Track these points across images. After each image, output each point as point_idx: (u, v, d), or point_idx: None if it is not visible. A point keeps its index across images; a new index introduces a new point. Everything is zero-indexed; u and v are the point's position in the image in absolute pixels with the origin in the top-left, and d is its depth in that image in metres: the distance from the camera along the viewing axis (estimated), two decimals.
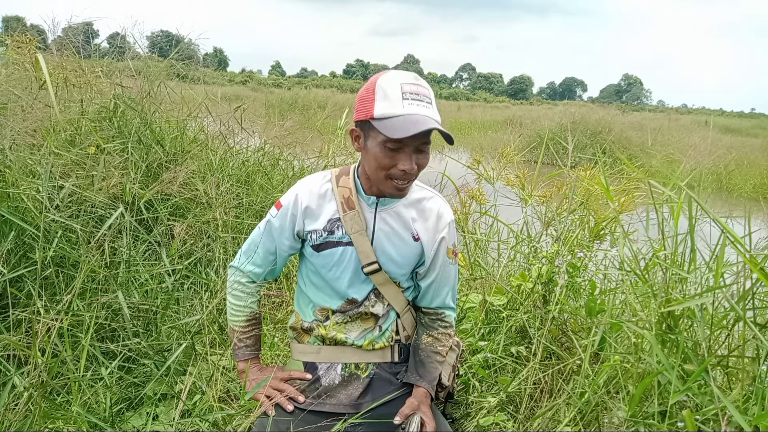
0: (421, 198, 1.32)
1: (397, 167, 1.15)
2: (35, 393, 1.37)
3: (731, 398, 1.14)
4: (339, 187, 1.29)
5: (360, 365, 1.36)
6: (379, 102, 1.12)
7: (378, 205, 1.28)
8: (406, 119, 1.09)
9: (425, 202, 1.31)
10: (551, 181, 2.44)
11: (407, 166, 1.14)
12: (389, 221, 1.28)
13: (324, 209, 1.30)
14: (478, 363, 1.85)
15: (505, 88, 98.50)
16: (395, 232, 1.29)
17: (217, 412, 1.53)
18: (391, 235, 1.29)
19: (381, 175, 1.17)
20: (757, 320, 1.32)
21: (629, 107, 37.65)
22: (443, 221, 1.31)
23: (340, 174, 1.32)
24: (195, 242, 2.39)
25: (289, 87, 30.28)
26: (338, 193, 1.29)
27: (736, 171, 10.08)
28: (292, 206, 1.30)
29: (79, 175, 2.13)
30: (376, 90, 1.14)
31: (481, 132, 15.74)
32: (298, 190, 1.32)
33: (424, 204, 1.31)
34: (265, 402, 1.30)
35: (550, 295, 1.90)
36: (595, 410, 1.49)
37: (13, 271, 1.70)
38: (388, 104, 1.11)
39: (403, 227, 1.29)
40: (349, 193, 1.27)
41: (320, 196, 1.31)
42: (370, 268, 1.28)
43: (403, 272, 1.32)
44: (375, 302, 1.33)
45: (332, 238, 1.29)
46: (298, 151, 3.87)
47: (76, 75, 2.64)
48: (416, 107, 1.11)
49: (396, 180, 1.17)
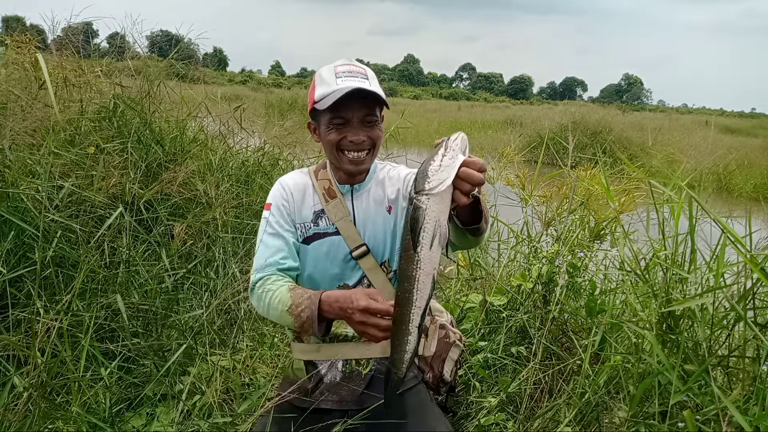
0: (386, 171, 1.40)
1: (347, 138, 1.23)
2: (35, 393, 1.37)
3: (732, 398, 1.14)
4: (319, 180, 1.36)
5: (361, 361, 1.36)
6: (318, 87, 1.25)
7: (353, 192, 1.34)
8: (338, 92, 1.18)
9: (389, 172, 1.40)
10: (551, 181, 2.43)
11: (354, 137, 1.22)
12: (366, 203, 1.34)
13: (305, 202, 1.34)
14: (479, 363, 1.85)
15: (505, 88, 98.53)
16: (373, 210, 1.33)
17: (217, 417, 1.53)
18: (371, 215, 1.33)
19: (335, 152, 1.25)
20: (757, 320, 1.32)
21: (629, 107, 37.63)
22: (402, 174, 1.38)
23: (318, 168, 1.39)
24: (195, 242, 2.39)
25: (289, 87, 30.30)
26: (318, 186, 1.34)
27: (736, 171, 10.06)
28: (281, 198, 1.33)
29: (79, 175, 2.13)
30: (315, 79, 1.28)
31: (481, 132, 15.74)
32: (280, 185, 1.36)
33: (389, 173, 1.39)
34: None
35: (550, 296, 1.90)
36: (596, 410, 1.49)
37: (12, 271, 1.70)
38: (324, 86, 1.23)
39: (378, 204, 1.34)
40: (329, 184, 1.34)
41: (300, 190, 1.35)
42: (359, 251, 1.30)
43: (390, 247, 1.34)
44: (367, 287, 1.34)
45: (318, 230, 1.32)
46: (298, 151, 3.87)
47: (75, 75, 2.64)
48: (349, 82, 1.21)
49: (349, 152, 1.24)
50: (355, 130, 1.23)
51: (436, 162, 0.95)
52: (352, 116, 1.22)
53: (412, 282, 0.96)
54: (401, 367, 1.05)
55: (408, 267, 0.97)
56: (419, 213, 0.94)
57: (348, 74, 1.23)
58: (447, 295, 2.41)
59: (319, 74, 1.27)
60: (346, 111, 1.21)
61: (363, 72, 1.25)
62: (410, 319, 0.99)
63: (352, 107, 1.20)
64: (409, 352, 1.02)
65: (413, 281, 0.96)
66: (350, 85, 1.19)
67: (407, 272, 0.97)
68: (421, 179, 0.96)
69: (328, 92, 1.20)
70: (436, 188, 0.93)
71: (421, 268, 0.96)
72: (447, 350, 1.44)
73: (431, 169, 0.95)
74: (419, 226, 0.94)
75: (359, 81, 1.22)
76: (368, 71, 1.27)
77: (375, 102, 1.23)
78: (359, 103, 1.20)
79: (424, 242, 0.95)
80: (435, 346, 1.42)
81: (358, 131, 1.23)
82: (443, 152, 0.96)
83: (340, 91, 1.18)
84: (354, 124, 1.22)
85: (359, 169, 1.29)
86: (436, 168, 0.95)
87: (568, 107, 17.05)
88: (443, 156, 0.95)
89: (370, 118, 1.23)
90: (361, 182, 1.34)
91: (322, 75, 1.26)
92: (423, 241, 0.95)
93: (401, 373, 1.07)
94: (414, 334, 1.01)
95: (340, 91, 1.17)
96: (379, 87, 1.25)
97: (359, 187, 1.34)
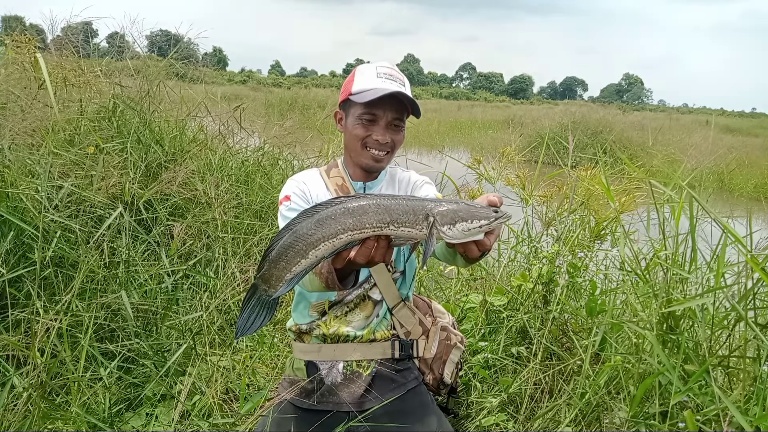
0: (396, 174, 1.45)
1: (372, 137, 1.27)
2: (34, 393, 1.37)
3: (732, 398, 1.13)
4: (330, 177, 1.38)
5: (362, 363, 1.36)
6: (357, 81, 1.30)
7: (365, 190, 1.37)
8: (377, 90, 1.23)
9: (399, 175, 1.44)
10: (552, 181, 2.43)
11: (380, 137, 1.27)
12: None
13: (318, 197, 1.34)
14: (479, 363, 1.85)
15: (505, 88, 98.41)
16: None
17: (216, 417, 1.53)
18: None
19: (358, 146, 1.29)
20: (758, 320, 1.32)
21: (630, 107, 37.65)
22: (413, 180, 1.43)
23: (329, 168, 1.42)
24: (194, 242, 2.38)
25: (288, 86, 30.25)
26: (330, 183, 1.37)
27: (737, 171, 10.07)
28: (296, 188, 1.33)
29: (78, 175, 2.13)
30: (355, 73, 1.33)
31: (482, 132, 15.74)
32: (292, 179, 1.37)
33: (399, 176, 1.44)
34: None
35: (550, 296, 1.90)
36: (596, 411, 1.49)
37: (12, 271, 1.70)
38: (364, 81, 1.29)
39: None
40: (342, 181, 1.37)
41: (314, 184, 1.36)
42: None
43: (396, 248, 1.33)
44: (372, 285, 1.35)
45: None
46: (298, 150, 3.87)
47: (75, 75, 2.64)
48: (388, 84, 1.27)
49: (372, 150, 1.29)
50: (382, 131, 1.28)
51: (474, 224, 0.90)
52: (383, 116, 1.27)
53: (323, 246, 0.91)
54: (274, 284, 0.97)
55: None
56: (430, 237, 0.90)
57: (388, 77, 1.29)
58: (447, 295, 2.41)
59: (360, 69, 1.33)
60: (378, 110, 1.26)
61: (401, 78, 1.32)
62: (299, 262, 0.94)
63: (384, 108, 1.26)
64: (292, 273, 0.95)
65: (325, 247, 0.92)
66: (389, 88, 1.24)
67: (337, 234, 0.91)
68: (451, 219, 0.90)
69: (367, 88, 1.26)
70: (450, 239, 0.91)
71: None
72: (448, 352, 1.44)
73: (462, 227, 0.90)
74: (425, 245, 0.91)
75: (397, 85, 1.28)
76: (405, 79, 1.33)
77: (405, 108, 1.29)
78: (392, 105, 1.26)
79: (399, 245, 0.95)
80: (436, 349, 1.42)
81: (385, 132, 1.28)
82: (485, 224, 0.91)
83: (380, 90, 1.23)
84: (381, 124, 1.27)
85: (377, 167, 1.32)
86: (467, 229, 0.90)
87: (569, 107, 17.05)
88: (481, 225, 0.90)
89: (397, 122, 1.29)
90: (374, 180, 1.38)
91: (363, 71, 1.32)
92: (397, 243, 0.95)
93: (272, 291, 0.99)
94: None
95: (380, 90, 1.22)
96: (410, 93, 1.30)
97: (371, 185, 1.38)
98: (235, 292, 2.13)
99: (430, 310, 1.51)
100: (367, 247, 0.94)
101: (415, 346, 1.41)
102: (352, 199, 0.92)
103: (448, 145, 12.92)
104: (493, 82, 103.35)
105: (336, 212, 0.91)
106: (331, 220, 0.91)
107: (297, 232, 0.92)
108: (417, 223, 0.91)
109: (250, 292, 1.00)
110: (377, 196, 0.93)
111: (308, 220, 0.92)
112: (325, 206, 0.92)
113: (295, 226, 0.93)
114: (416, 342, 1.41)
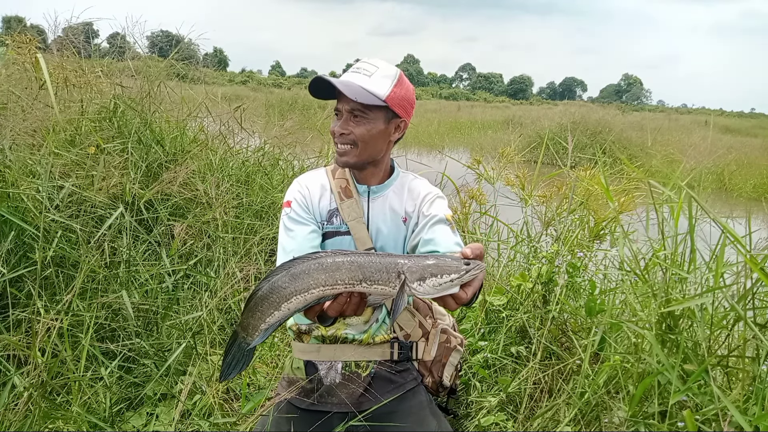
0: (407, 181, 1.40)
1: (334, 128, 1.26)
2: (35, 393, 1.38)
3: (731, 398, 1.14)
4: (335, 179, 1.35)
5: (360, 364, 1.36)
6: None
7: (370, 193, 1.34)
8: (319, 81, 1.22)
9: (410, 183, 1.39)
10: (551, 181, 2.44)
11: (336, 127, 1.25)
12: (381, 207, 1.34)
13: (322, 200, 1.34)
14: (479, 363, 1.85)
15: (505, 88, 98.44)
16: (388, 217, 1.33)
17: (217, 416, 1.53)
18: (385, 220, 1.33)
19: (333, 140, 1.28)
20: (757, 320, 1.32)
21: (629, 107, 37.65)
22: (423, 191, 1.37)
23: (336, 168, 1.38)
24: (195, 242, 2.39)
25: (289, 87, 30.26)
26: (335, 185, 1.34)
27: (736, 171, 10.08)
28: (298, 193, 1.33)
29: (79, 175, 2.13)
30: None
31: (481, 132, 15.73)
32: (297, 182, 1.36)
33: (410, 184, 1.39)
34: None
35: (550, 295, 1.90)
36: (595, 410, 1.49)
37: (13, 271, 1.70)
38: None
39: (394, 212, 1.34)
40: (346, 183, 1.34)
41: (317, 187, 1.35)
42: None
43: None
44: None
45: (331, 228, 1.32)
46: (298, 151, 3.88)
47: (76, 75, 2.64)
48: (350, 76, 1.25)
49: (337, 143, 1.27)
50: (344, 122, 1.25)
51: (444, 279, 0.90)
52: (342, 108, 1.25)
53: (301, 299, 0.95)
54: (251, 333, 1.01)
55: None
56: (399, 295, 0.92)
57: (355, 69, 1.27)
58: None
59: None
60: (340, 103, 1.25)
61: (367, 69, 1.26)
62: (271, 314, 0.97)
63: (343, 99, 1.23)
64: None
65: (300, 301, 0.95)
66: (347, 78, 1.23)
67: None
68: (420, 276, 0.91)
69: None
70: (422, 295, 0.92)
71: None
72: (447, 355, 1.44)
73: (433, 282, 0.90)
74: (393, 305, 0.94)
75: (360, 76, 1.24)
76: (378, 70, 1.25)
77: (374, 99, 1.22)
78: (348, 96, 1.20)
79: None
80: (435, 351, 1.42)
81: (346, 123, 1.25)
82: (456, 278, 0.90)
83: (321, 80, 1.22)
84: (343, 115, 1.25)
85: (342, 161, 1.28)
86: (437, 284, 0.90)
87: (568, 107, 17.02)
88: (452, 280, 0.90)
89: (356, 113, 1.23)
90: (380, 184, 1.34)
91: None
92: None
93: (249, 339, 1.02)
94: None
95: (321, 80, 1.22)
96: (385, 86, 1.23)
97: (377, 189, 1.34)
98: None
99: (430, 311, 1.50)
100: (338, 302, 0.96)
101: (414, 349, 1.40)
102: (329, 256, 0.95)
103: (447, 146, 12.92)
104: (493, 83, 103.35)
105: (310, 267, 0.94)
106: (305, 275, 0.94)
107: (274, 284, 0.96)
108: (390, 280, 0.92)
109: (232, 339, 1.04)
110: (353, 254, 0.95)
111: (284, 273, 0.95)
112: (302, 261, 0.95)
113: (273, 277, 0.96)
114: (416, 344, 1.41)
